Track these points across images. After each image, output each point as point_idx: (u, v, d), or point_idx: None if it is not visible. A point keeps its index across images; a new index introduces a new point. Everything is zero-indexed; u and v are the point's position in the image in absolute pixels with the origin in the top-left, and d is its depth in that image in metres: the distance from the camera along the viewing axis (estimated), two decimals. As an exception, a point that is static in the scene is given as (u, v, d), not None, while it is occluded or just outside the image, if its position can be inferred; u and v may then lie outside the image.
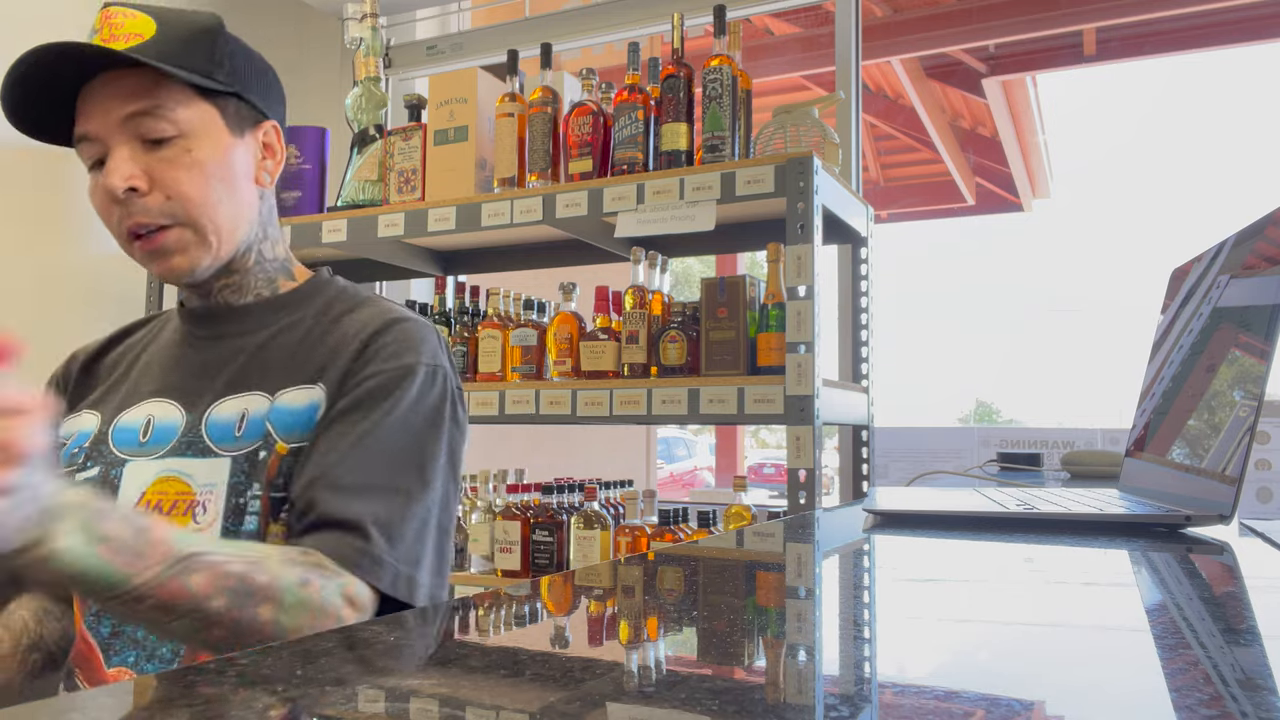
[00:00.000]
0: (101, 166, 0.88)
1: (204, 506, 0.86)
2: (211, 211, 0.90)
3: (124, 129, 0.86)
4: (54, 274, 2.23)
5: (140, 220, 0.88)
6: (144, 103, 0.86)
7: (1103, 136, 37.88)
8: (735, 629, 0.47)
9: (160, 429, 0.91)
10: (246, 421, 0.89)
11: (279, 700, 0.33)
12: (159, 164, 0.87)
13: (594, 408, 1.71)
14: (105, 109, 0.86)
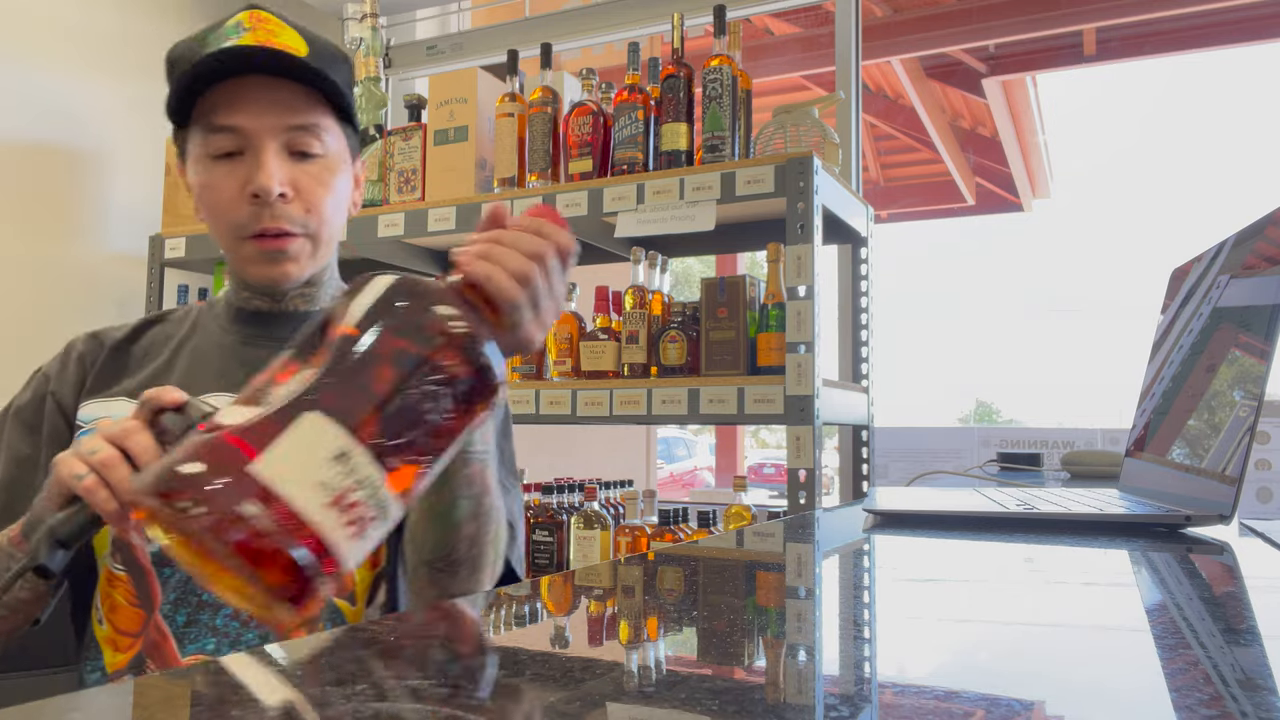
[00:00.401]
0: (230, 159, 0.90)
1: None
2: (329, 229, 0.95)
3: (279, 136, 0.90)
4: (54, 274, 2.23)
5: (279, 225, 0.91)
6: (306, 118, 0.90)
7: (1103, 136, 37.89)
8: (735, 629, 0.47)
9: None
10: None
11: (279, 700, 0.33)
12: (304, 176, 0.91)
13: (594, 408, 1.71)
14: (264, 111, 0.89)
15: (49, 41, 2.23)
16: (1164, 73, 43.32)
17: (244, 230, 0.91)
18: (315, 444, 0.49)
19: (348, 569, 0.51)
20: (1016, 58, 6.10)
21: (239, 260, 0.94)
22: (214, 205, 0.92)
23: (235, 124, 0.89)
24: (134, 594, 0.90)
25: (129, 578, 0.90)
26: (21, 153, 2.18)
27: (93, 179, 2.32)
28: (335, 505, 0.49)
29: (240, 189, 0.89)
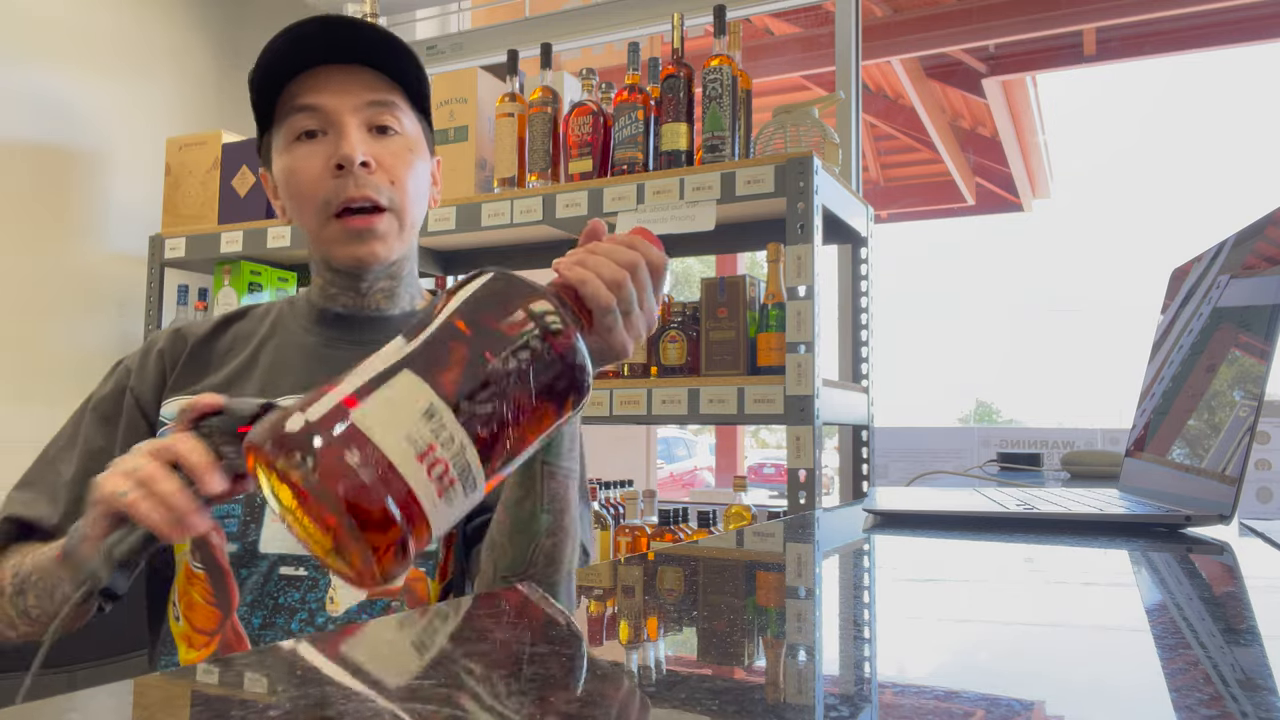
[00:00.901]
0: (312, 138, 0.92)
1: None
2: (413, 206, 0.95)
3: (359, 113, 0.92)
4: (54, 274, 2.23)
5: (365, 193, 0.91)
6: (384, 95, 0.93)
7: (1103, 136, 37.89)
8: (735, 629, 0.47)
9: None
10: None
11: (279, 700, 0.33)
12: (385, 151, 0.93)
13: (594, 408, 1.71)
14: (345, 89, 0.92)
15: (49, 41, 2.23)
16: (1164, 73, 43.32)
17: (330, 205, 0.92)
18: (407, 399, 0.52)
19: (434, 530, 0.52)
20: (1016, 58, 6.10)
21: (325, 242, 0.94)
22: (299, 185, 0.92)
23: (316, 103, 0.91)
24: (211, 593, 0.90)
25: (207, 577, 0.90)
26: (21, 153, 2.18)
27: (93, 179, 2.32)
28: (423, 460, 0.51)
29: (325, 164, 0.91)
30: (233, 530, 0.90)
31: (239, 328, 1.03)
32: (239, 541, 0.90)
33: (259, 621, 0.88)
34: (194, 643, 0.90)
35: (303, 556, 0.89)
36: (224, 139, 2.27)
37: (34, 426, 2.17)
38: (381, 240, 0.94)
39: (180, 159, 2.31)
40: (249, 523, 0.90)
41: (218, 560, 0.90)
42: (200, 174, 2.28)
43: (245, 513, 0.91)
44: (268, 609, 0.88)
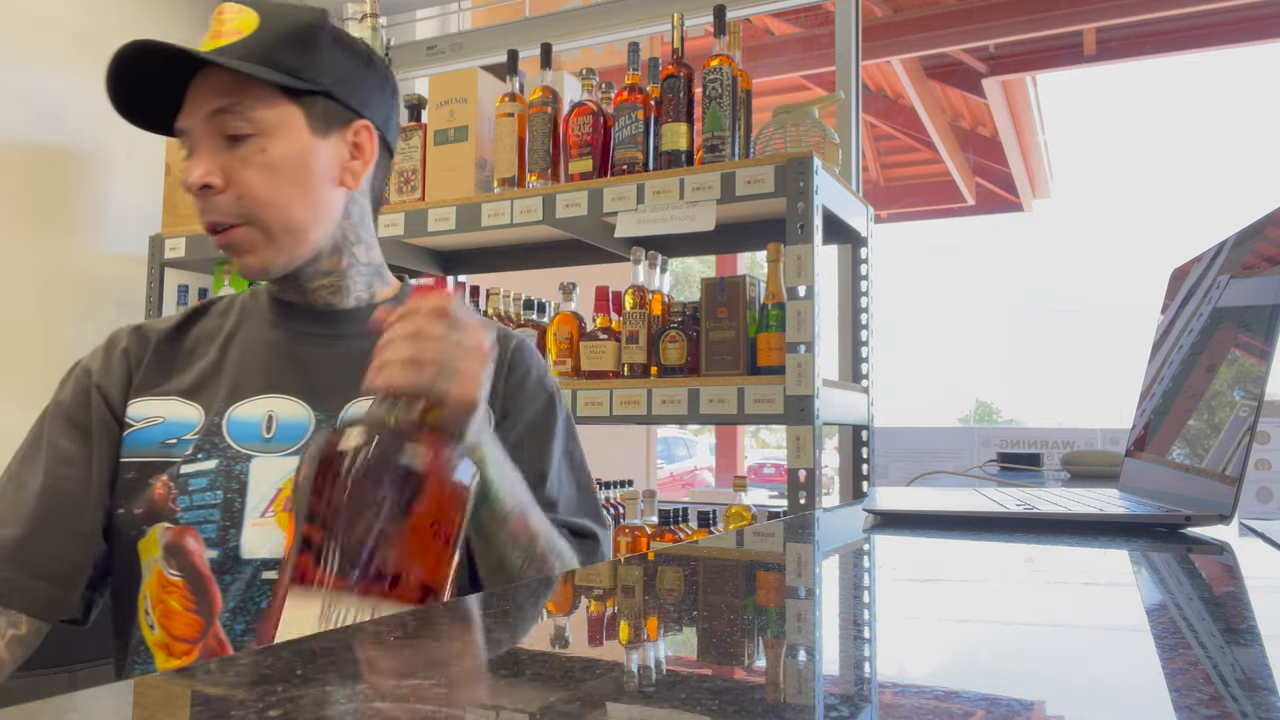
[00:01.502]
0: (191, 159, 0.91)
1: None
2: (281, 212, 0.90)
3: (208, 125, 0.89)
4: (54, 274, 2.23)
5: (211, 219, 0.90)
6: (225, 100, 0.88)
7: (1103, 137, 37.85)
8: (735, 629, 0.47)
9: (286, 426, 0.92)
10: None
11: (279, 700, 0.33)
12: (234, 162, 0.89)
13: (594, 408, 1.71)
14: (196, 105, 0.89)
15: (49, 41, 2.23)
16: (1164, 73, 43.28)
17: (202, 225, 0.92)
18: (302, 618, 0.60)
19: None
20: (1016, 58, 6.10)
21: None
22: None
23: (180, 125, 0.91)
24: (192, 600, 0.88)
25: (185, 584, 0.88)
26: (21, 153, 2.18)
27: (93, 179, 2.32)
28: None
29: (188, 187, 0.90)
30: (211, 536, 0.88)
31: (202, 326, 1.01)
32: (219, 547, 0.88)
33: (242, 628, 0.86)
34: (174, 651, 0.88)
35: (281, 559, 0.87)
36: (224, 139, 2.27)
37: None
38: (251, 252, 0.91)
39: (180, 159, 2.30)
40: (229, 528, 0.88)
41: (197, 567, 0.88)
42: (200, 174, 2.28)
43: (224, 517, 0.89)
44: (251, 615, 0.86)
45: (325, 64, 0.92)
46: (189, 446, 0.91)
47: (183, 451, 0.91)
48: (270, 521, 0.88)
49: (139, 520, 0.90)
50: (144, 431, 0.93)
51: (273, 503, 0.89)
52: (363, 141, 0.96)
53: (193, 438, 0.92)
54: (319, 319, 0.98)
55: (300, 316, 0.98)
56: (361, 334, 0.95)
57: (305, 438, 0.92)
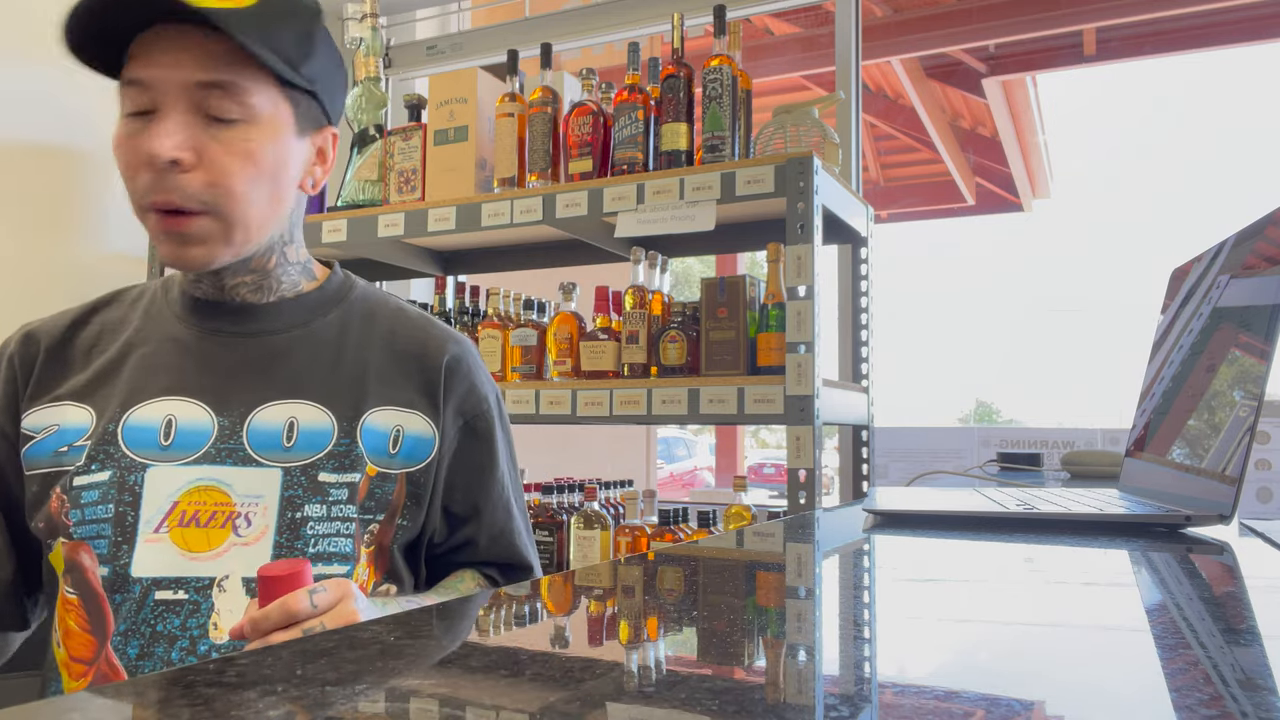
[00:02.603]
0: (142, 117, 0.80)
1: (247, 519, 0.83)
2: (247, 208, 0.82)
3: (187, 94, 0.78)
4: (54, 274, 2.23)
5: (169, 198, 0.79)
6: (220, 75, 0.79)
7: (1103, 137, 37.83)
8: (735, 629, 0.47)
9: (185, 432, 0.84)
10: (297, 432, 0.86)
11: (279, 700, 0.33)
12: (213, 144, 0.79)
13: (594, 408, 1.71)
14: (174, 64, 0.78)
15: (49, 41, 2.23)
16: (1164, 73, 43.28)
17: (141, 199, 0.81)
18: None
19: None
20: (1016, 58, 6.10)
21: (149, 233, 0.83)
22: (121, 168, 0.81)
23: (142, 77, 0.78)
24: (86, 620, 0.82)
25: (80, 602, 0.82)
26: (21, 153, 2.18)
27: (93, 179, 2.32)
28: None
29: (141, 154, 0.79)
30: (103, 552, 0.81)
31: (107, 316, 0.93)
32: (109, 564, 0.81)
33: (135, 651, 0.80)
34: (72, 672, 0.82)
35: (181, 579, 0.81)
36: (224, 139, 2.27)
37: (34, 426, 2.17)
38: (201, 244, 0.82)
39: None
40: (120, 543, 0.81)
41: (91, 584, 0.82)
42: (200, 174, 2.28)
43: (116, 533, 0.82)
44: (145, 637, 0.80)
45: (318, 61, 0.85)
46: (81, 455, 0.84)
47: (75, 460, 0.84)
48: (164, 538, 0.81)
49: (43, 534, 0.86)
50: (41, 443, 0.86)
51: (167, 517, 0.82)
52: (328, 148, 0.92)
53: (85, 444, 0.84)
54: (231, 315, 0.90)
55: (210, 312, 0.90)
56: (275, 330, 0.90)
57: (206, 444, 0.84)
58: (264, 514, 0.83)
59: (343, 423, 0.88)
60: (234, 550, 0.82)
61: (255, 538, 0.83)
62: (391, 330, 0.96)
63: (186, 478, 0.83)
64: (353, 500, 0.87)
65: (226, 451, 0.85)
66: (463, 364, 0.97)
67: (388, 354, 0.94)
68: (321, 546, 0.85)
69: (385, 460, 0.90)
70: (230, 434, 0.85)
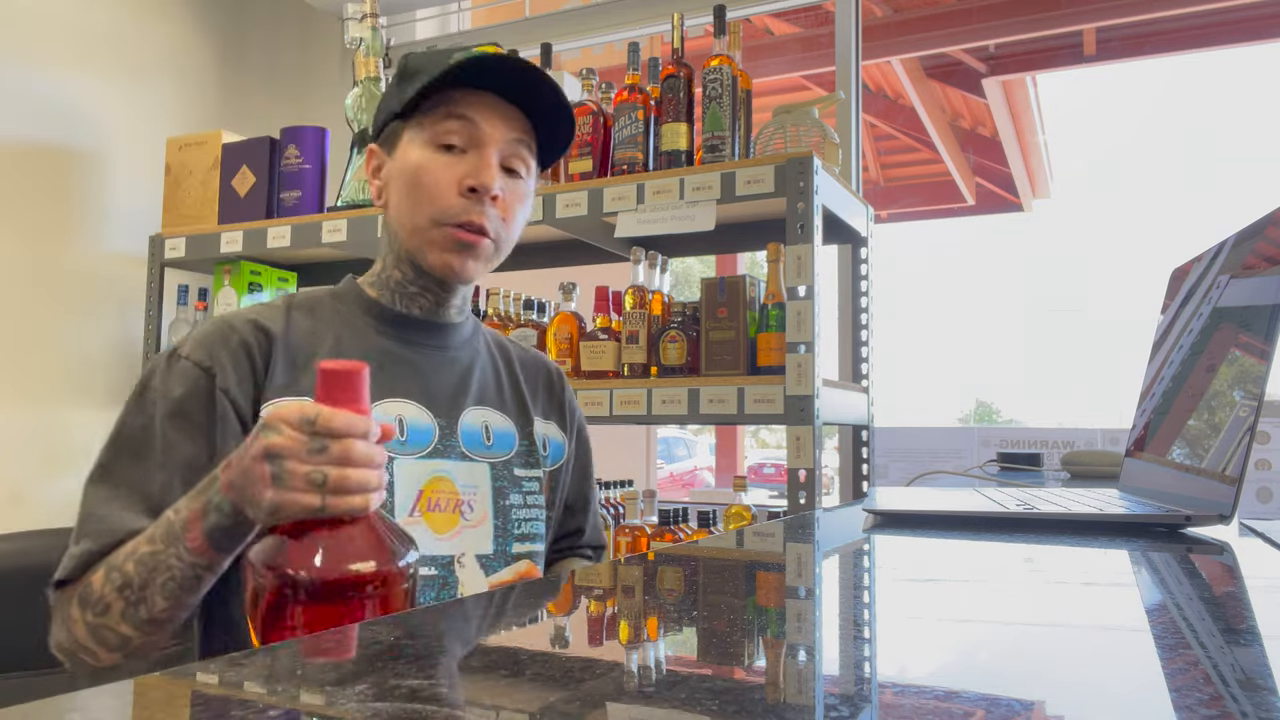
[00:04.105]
0: (450, 151, 0.96)
1: (470, 506, 0.99)
2: (510, 243, 1.01)
3: (504, 146, 0.97)
4: (54, 274, 2.23)
5: (483, 221, 0.96)
6: (526, 136, 0.99)
7: (1103, 137, 37.91)
8: (735, 629, 0.47)
9: (414, 430, 0.97)
10: (492, 433, 1.04)
11: (279, 700, 0.33)
12: (510, 190, 0.98)
13: (594, 408, 1.71)
14: (502, 119, 0.97)
15: (49, 41, 2.23)
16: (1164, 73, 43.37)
17: (449, 218, 0.95)
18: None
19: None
20: (1016, 58, 6.10)
21: (425, 243, 0.96)
22: (424, 188, 0.95)
23: (473, 116, 0.95)
24: None
25: None
26: (21, 153, 2.17)
27: (93, 179, 2.32)
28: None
29: (458, 180, 0.95)
30: None
31: (300, 325, 0.98)
32: None
33: None
34: None
35: (434, 557, 0.94)
36: (224, 139, 2.27)
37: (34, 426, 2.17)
38: (477, 260, 0.98)
39: (180, 159, 2.31)
40: None
41: None
42: (200, 174, 2.28)
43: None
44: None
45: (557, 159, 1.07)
46: None
47: None
48: (419, 520, 0.94)
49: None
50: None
51: (417, 503, 0.95)
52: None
53: None
54: (431, 330, 1.03)
55: (406, 325, 1.02)
56: (459, 346, 1.06)
57: (432, 442, 0.98)
58: (482, 501, 1.00)
59: (520, 428, 1.07)
60: (465, 532, 0.98)
61: (478, 521, 0.99)
62: (518, 354, 1.16)
63: (426, 469, 0.97)
64: (541, 491, 1.07)
65: (449, 448, 0.99)
66: (567, 382, 1.19)
67: (525, 373, 1.13)
68: (525, 529, 1.03)
69: (542, 462, 1.09)
70: (448, 433, 1.00)
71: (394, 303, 1.02)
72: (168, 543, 0.78)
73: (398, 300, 1.02)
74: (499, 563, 1.00)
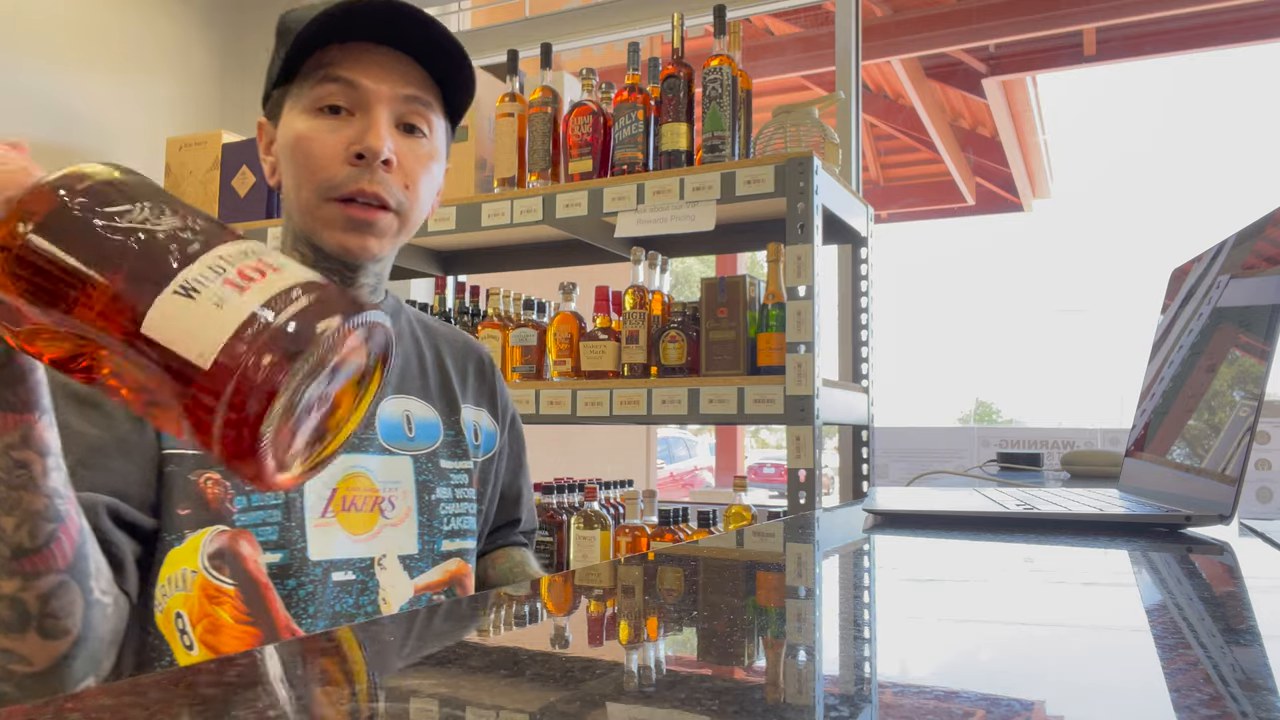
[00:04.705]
0: (336, 114, 0.86)
1: (391, 503, 0.92)
2: (419, 212, 0.91)
3: (392, 103, 0.87)
4: (54, 274, 2.23)
5: (377, 190, 0.86)
6: (423, 92, 0.89)
7: (1103, 136, 37.79)
8: (735, 629, 0.47)
9: None
10: (414, 424, 0.96)
11: (279, 700, 0.33)
12: (409, 153, 0.88)
13: (594, 408, 1.71)
14: (387, 75, 0.86)
15: (49, 41, 2.23)
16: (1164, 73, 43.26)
17: (336, 190, 0.85)
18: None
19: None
20: (1016, 58, 6.10)
21: (318, 222, 0.87)
22: (308, 159, 0.86)
23: (353, 79, 0.85)
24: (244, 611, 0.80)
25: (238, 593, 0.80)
26: (21, 153, 2.18)
27: (93, 179, 2.32)
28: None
29: (344, 146, 0.85)
30: (273, 538, 0.83)
31: None
32: (284, 550, 0.83)
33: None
34: None
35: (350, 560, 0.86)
36: (224, 139, 2.27)
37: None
38: (378, 237, 0.88)
39: (180, 159, 2.31)
40: (292, 529, 0.84)
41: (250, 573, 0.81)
42: (200, 174, 2.29)
43: (286, 518, 0.84)
44: (329, 619, 0.83)
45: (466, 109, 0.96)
46: None
47: None
48: (333, 522, 0.86)
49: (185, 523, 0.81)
50: None
51: (330, 502, 0.87)
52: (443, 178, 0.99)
53: None
54: None
55: None
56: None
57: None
58: (404, 497, 0.93)
59: (445, 417, 1.00)
60: (385, 531, 0.91)
61: (401, 519, 0.92)
62: (445, 337, 1.07)
63: (340, 466, 0.89)
64: (471, 484, 1.00)
65: (366, 442, 0.91)
66: (498, 368, 1.11)
67: (453, 358, 1.05)
68: (455, 524, 0.96)
69: (472, 452, 1.02)
70: (365, 425, 0.91)
71: None
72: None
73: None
74: (426, 562, 0.92)
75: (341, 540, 0.87)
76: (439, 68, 0.90)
